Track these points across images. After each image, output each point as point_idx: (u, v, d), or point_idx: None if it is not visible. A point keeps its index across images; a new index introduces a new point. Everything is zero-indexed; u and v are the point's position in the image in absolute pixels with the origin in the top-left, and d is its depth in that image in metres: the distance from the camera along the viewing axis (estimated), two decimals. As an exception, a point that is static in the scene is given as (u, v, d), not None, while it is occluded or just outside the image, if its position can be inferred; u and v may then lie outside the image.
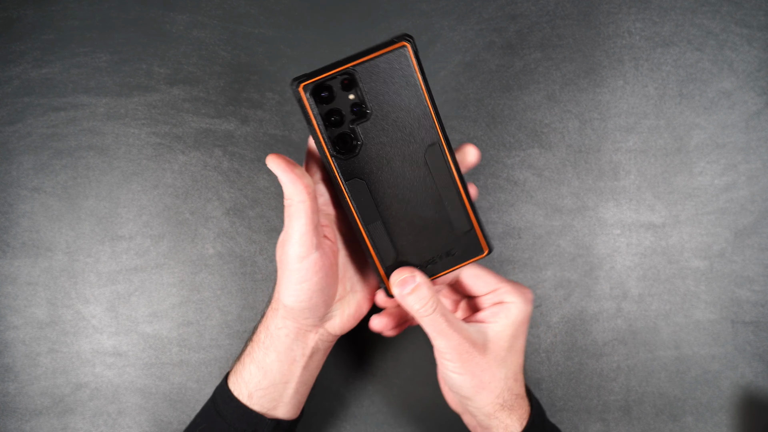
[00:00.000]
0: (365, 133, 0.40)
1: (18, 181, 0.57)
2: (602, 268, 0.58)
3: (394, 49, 0.38)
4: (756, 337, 0.57)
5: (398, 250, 0.43)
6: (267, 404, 0.46)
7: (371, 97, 0.39)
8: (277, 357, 0.45)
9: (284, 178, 0.39)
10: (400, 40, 0.38)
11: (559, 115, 0.58)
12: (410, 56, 0.38)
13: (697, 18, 0.59)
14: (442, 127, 0.41)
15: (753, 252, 0.58)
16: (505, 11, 0.59)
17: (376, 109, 0.39)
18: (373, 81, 0.38)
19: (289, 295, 0.42)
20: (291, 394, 0.46)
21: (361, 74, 0.38)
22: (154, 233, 0.57)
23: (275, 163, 0.39)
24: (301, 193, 0.39)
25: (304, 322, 0.44)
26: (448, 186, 0.42)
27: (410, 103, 0.40)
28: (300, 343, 0.45)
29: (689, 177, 0.58)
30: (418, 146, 0.41)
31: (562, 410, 0.57)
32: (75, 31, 0.57)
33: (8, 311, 0.56)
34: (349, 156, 0.40)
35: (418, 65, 0.39)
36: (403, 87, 0.39)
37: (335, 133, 0.39)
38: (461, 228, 0.43)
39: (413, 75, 0.39)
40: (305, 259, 0.41)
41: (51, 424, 0.56)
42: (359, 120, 0.39)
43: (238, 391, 0.46)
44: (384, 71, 0.38)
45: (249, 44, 0.58)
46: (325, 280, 0.42)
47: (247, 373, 0.46)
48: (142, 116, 0.57)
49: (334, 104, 0.39)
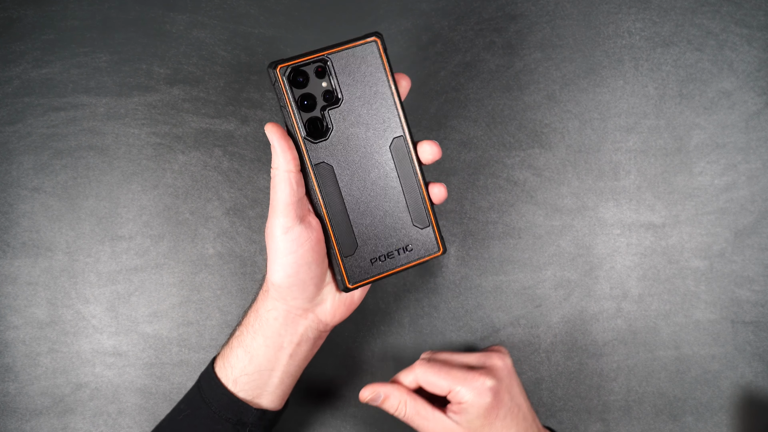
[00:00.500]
0: (335, 119, 0.42)
1: (18, 181, 0.57)
2: (602, 268, 0.58)
3: (365, 43, 0.41)
4: (756, 337, 0.57)
5: (359, 240, 0.44)
6: (251, 391, 0.45)
7: (343, 85, 0.42)
8: (264, 342, 0.45)
9: (277, 144, 0.41)
10: (372, 36, 0.41)
11: (559, 115, 0.58)
12: (380, 50, 0.42)
13: (697, 18, 0.59)
14: (407, 121, 0.43)
15: (753, 252, 0.58)
16: (505, 11, 0.59)
17: (346, 96, 0.42)
18: (345, 70, 0.41)
19: (276, 270, 0.43)
20: (276, 384, 0.46)
21: (334, 62, 0.41)
22: (154, 233, 0.57)
23: (272, 131, 0.41)
24: (288, 162, 0.41)
25: (293, 303, 0.44)
26: (410, 180, 0.44)
27: (378, 95, 0.42)
28: (289, 329, 0.45)
29: (689, 177, 0.58)
30: (384, 137, 0.43)
31: (562, 410, 0.57)
32: (75, 31, 0.57)
33: (8, 311, 0.56)
34: (319, 140, 0.42)
35: (386, 59, 0.42)
36: (372, 78, 0.42)
37: (307, 117, 0.41)
38: (420, 223, 0.45)
39: (381, 68, 0.42)
40: (290, 230, 0.42)
41: (51, 424, 0.56)
42: (330, 106, 0.42)
43: (224, 375, 0.46)
44: (355, 61, 0.41)
45: (249, 44, 0.58)
46: (311, 255, 0.43)
47: (234, 357, 0.46)
48: (142, 116, 0.57)
49: (307, 89, 0.41)
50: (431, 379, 0.48)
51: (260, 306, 0.45)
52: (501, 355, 0.50)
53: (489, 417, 0.47)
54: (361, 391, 0.48)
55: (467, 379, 0.47)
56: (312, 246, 0.42)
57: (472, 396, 0.47)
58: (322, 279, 0.44)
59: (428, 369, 0.48)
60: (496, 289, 0.57)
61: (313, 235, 0.43)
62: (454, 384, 0.47)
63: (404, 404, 0.47)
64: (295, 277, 0.43)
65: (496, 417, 0.47)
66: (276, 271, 0.43)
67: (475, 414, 0.47)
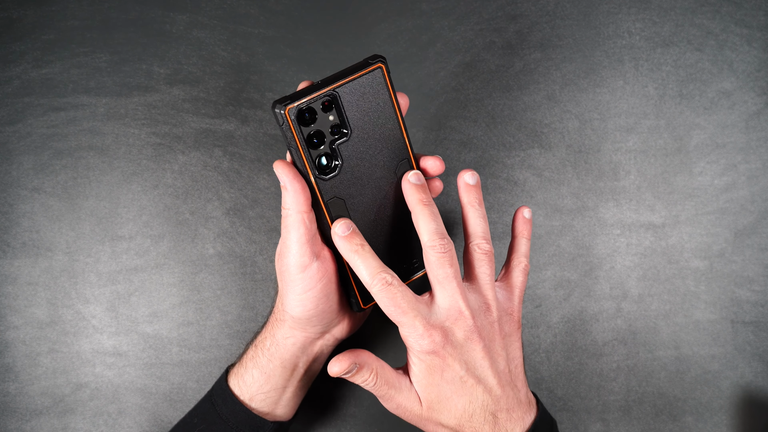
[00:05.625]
0: (344, 152, 0.41)
1: (18, 181, 0.57)
2: (602, 268, 0.58)
3: (370, 71, 0.40)
4: (756, 337, 0.57)
5: None
6: (266, 407, 0.46)
7: (350, 118, 0.40)
8: (281, 364, 0.45)
9: (290, 186, 0.39)
10: (375, 62, 0.40)
11: (559, 115, 0.58)
12: (385, 76, 0.40)
13: (697, 18, 0.59)
14: (410, 142, 0.43)
15: (753, 252, 0.58)
16: (505, 11, 0.59)
17: (354, 128, 0.41)
18: (351, 101, 0.40)
19: (295, 306, 0.42)
20: (289, 397, 0.47)
21: (341, 96, 0.40)
22: (154, 233, 0.57)
23: (283, 171, 0.40)
24: (301, 204, 0.40)
25: (312, 330, 0.44)
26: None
27: (384, 121, 0.41)
28: (306, 351, 0.46)
29: (689, 177, 0.58)
30: (390, 162, 0.42)
31: (562, 410, 0.57)
32: (75, 31, 0.57)
33: (8, 311, 0.56)
34: (329, 176, 0.41)
35: (391, 84, 0.41)
36: (378, 106, 0.41)
37: (317, 154, 0.40)
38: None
39: (387, 94, 0.41)
40: (308, 268, 0.41)
41: (51, 424, 0.56)
42: (339, 140, 0.40)
43: (239, 392, 0.46)
44: (361, 92, 0.40)
45: (249, 44, 0.58)
46: (329, 287, 0.42)
47: (250, 376, 0.46)
48: (142, 116, 0.57)
49: (316, 126, 0.40)
50: (385, 303, 0.40)
51: (277, 332, 0.45)
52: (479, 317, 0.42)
53: (433, 375, 0.40)
54: (330, 364, 0.40)
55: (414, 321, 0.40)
56: (329, 279, 0.42)
57: (411, 356, 0.41)
58: (339, 304, 0.44)
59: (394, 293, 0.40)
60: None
61: (328, 269, 0.42)
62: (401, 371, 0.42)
63: (375, 374, 0.41)
64: (314, 310, 0.43)
65: (441, 378, 0.40)
66: (294, 306, 0.42)
67: (418, 365, 0.41)
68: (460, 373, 0.40)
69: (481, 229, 0.43)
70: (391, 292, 0.39)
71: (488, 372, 0.41)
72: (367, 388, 0.41)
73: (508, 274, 0.45)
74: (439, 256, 0.40)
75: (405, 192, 0.42)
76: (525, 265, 0.45)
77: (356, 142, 0.41)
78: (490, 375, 0.41)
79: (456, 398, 0.40)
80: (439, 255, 0.40)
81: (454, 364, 0.40)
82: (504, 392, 0.41)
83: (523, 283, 0.45)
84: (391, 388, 0.41)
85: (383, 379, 0.41)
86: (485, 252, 0.42)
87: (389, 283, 0.39)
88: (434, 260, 0.40)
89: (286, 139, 0.39)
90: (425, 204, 0.41)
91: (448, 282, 0.40)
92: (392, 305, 0.39)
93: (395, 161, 0.42)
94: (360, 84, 0.40)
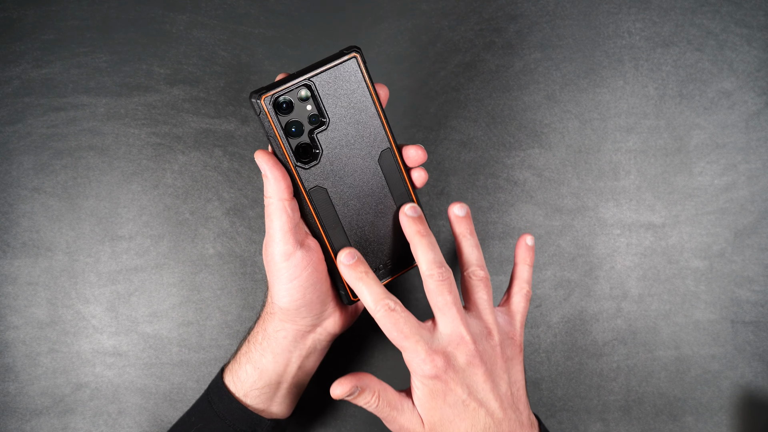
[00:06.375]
0: (323, 141, 0.41)
1: (18, 181, 0.57)
2: (602, 268, 0.58)
3: (345, 60, 0.41)
4: (756, 337, 0.57)
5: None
6: (261, 404, 0.46)
7: (327, 107, 0.41)
8: (273, 358, 0.45)
9: (270, 173, 0.40)
10: (350, 52, 0.41)
11: (559, 115, 0.58)
12: (360, 65, 0.41)
13: (697, 18, 0.59)
14: (391, 131, 0.43)
15: (753, 252, 0.58)
16: (505, 11, 0.59)
17: (332, 117, 0.41)
18: (328, 91, 0.41)
19: (282, 296, 0.43)
20: (284, 394, 0.47)
21: (317, 85, 0.40)
22: (154, 233, 0.57)
23: (264, 159, 0.40)
24: (282, 191, 0.40)
25: (302, 322, 0.44)
26: (399, 189, 0.44)
27: (362, 110, 0.42)
28: (298, 344, 0.46)
29: (689, 177, 0.58)
30: (371, 152, 0.43)
31: (562, 410, 0.57)
32: (75, 31, 0.57)
33: (8, 311, 0.56)
34: (310, 165, 0.41)
35: (367, 74, 0.41)
36: (354, 95, 0.41)
37: (296, 143, 0.41)
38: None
39: (363, 83, 0.41)
40: (292, 256, 0.41)
41: (51, 424, 0.56)
42: (318, 129, 0.41)
43: (234, 389, 0.46)
44: (337, 80, 0.41)
45: (249, 44, 0.58)
46: (316, 275, 0.43)
47: (243, 372, 0.46)
48: (142, 116, 0.57)
49: (293, 115, 0.40)
50: (389, 328, 0.41)
51: (268, 326, 0.45)
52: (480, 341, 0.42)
53: (436, 399, 0.41)
54: (333, 386, 0.41)
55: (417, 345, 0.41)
56: (314, 267, 0.42)
57: (414, 381, 0.42)
58: (327, 296, 0.44)
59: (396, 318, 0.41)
60: (496, 289, 0.57)
61: (314, 257, 0.43)
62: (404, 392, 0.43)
63: (377, 396, 0.41)
64: (301, 300, 0.43)
65: (444, 402, 0.41)
66: (282, 296, 0.43)
67: (421, 389, 0.41)
68: (462, 396, 0.41)
69: (475, 258, 0.44)
70: (393, 318, 0.40)
71: (490, 395, 0.41)
72: (370, 409, 0.42)
73: (509, 299, 0.47)
74: (438, 283, 0.41)
75: (402, 225, 0.44)
76: (527, 291, 0.47)
77: (335, 131, 0.41)
78: (491, 398, 0.41)
79: (458, 421, 0.41)
80: (437, 283, 0.41)
81: (457, 388, 0.41)
82: (506, 415, 0.42)
83: (524, 308, 0.46)
84: (393, 409, 0.42)
85: (386, 401, 0.42)
86: (481, 279, 0.44)
87: (392, 309, 0.40)
88: (433, 288, 0.41)
89: (264, 128, 0.40)
90: (423, 235, 0.42)
91: (448, 308, 0.41)
92: (395, 330, 0.40)
93: (377, 150, 0.43)
94: (335, 73, 0.41)
